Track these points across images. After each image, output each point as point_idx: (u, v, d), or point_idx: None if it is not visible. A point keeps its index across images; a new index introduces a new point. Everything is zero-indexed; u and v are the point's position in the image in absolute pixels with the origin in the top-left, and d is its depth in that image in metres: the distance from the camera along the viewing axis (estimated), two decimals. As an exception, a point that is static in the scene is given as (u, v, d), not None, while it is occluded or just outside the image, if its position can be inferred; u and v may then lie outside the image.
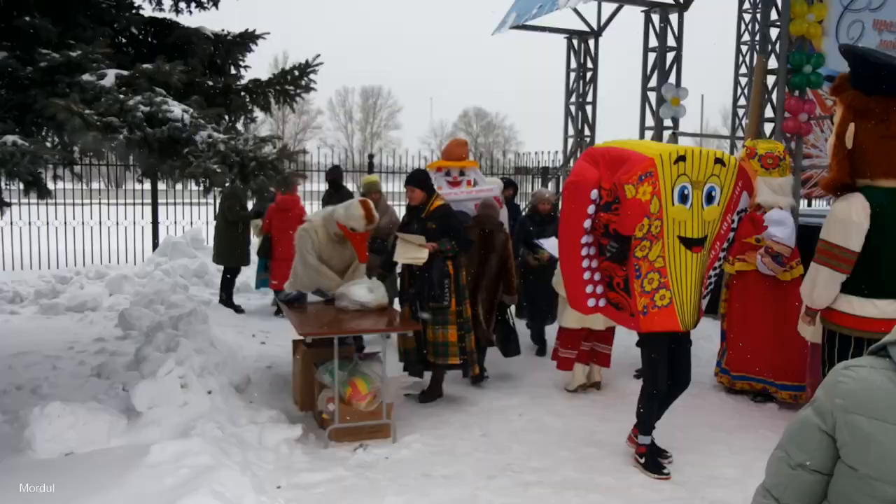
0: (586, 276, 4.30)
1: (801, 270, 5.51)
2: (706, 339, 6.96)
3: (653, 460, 4.41)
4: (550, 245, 6.35)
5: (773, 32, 8.74)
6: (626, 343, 6.21)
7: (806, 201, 13.14)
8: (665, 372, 4.34)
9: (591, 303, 4.36)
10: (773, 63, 8.55)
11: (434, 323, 5.44)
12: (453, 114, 61.37)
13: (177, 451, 3.95)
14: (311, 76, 5.64)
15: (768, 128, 8.72)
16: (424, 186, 5.56)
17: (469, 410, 5.50)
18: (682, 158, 3.99)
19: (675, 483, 4.29)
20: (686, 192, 4.04)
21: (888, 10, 10.58)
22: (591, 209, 4.17)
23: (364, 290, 5.27)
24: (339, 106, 51.32)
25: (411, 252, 5.38)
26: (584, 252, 4.26)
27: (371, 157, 12.20)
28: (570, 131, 12.11)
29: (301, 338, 5.01)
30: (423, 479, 4.28)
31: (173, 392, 4.68)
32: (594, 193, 4.14)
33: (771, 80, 8.67)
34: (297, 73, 5.62)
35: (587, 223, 4.19)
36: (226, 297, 9.03)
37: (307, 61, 5.59)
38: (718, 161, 4.09)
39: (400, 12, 77.95)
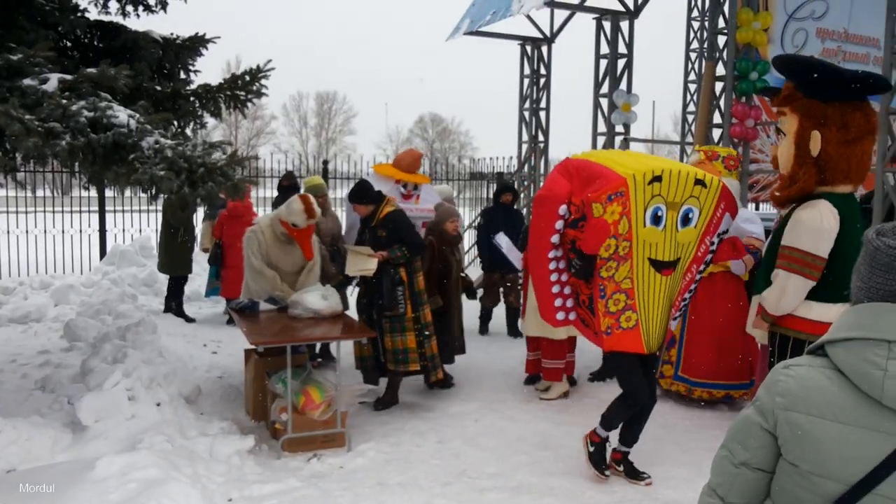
0: (555, 289, 4.20)
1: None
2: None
3: (601, 455, 4.39)
4: (503, 241, 6.27)
5: (721, 40, 8.92)
6: (580, 347, 6.26)
7: (754, 205, 13.46)
8: (642, 381, 4.28)
9: (559, 316, 4.27)
10: (721, 70, 8.73)
11: (391, 331, 5.41)
12: (409, 119, 61.56)
13: (124, 464, 3.86)
14: (263, 81, 5.58)
15: (717, 133, 8.91)
16: (366, 198, 5.53)
17: (424, 417, 5.48)
18: (657, 179, 3.86)
19: (628, 484, 4.33)
20: (660, 213, 3.92)
21: (830, 18, 10.94)
22: (558, 224, 4.05)
23: (317, 298, 5.21)
24: (293, 111, 50.93)
25: (360, 263, 5.37)
26: (552, 266, 4.16)
27: (325, 162, 12.10)
28: (525, 137, 12.20)
29: (253, 347, 4.93)
30: (377, 487, 4.25)
31: (120, 404, 4.57)
32: (563, 209, 4.02)
33: (719, 86, 8.85)
34: (248, 78, 5.56)
35: (555, 238, 4.08)
36: (176, 307, 8.85)
37: (258, 66, 5.54)
38: (699, 182, 3.95)
39: (355, 17, 77.83)
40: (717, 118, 8.87)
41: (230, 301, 6.42)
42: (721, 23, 8.85)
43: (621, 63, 10.25)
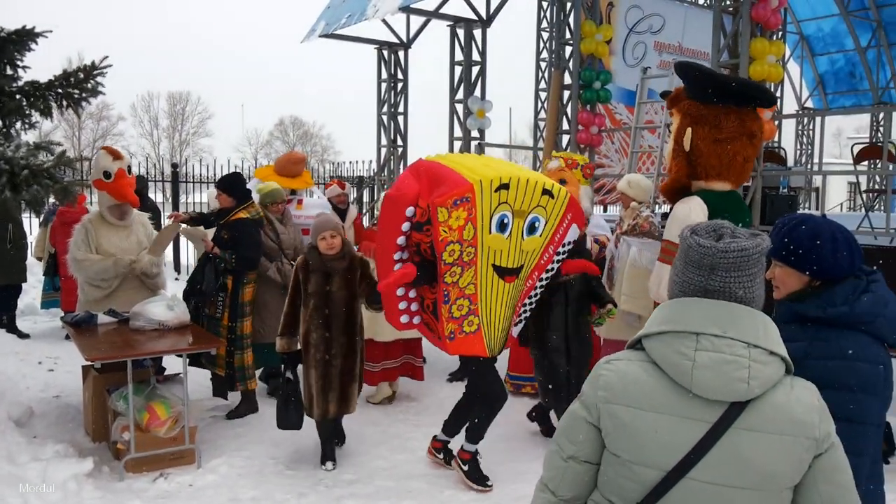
0: (400, 291, 4.14)
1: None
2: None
3: (477, 469, 4.37)
4: None
5: (568, 50, 9.34)
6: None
7: (602, 207, 14.16)
8: (498, 379, 4.36)
9: (404, 319, 4.24)
10: (568, 79, 9.13)
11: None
12: (269, 122, 60.03)
13: (-64, 499, 3.49)
14: (99, 79, 5.24)
15: (565, 139, 9.30)
16: (232, 193, 5.46)
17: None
18: (504, 187, 3.83)
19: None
20: (506, 220, 3.90)
21: (667, 33, 11.73)
22: (405, 226, 3.98)
23: (162, 308, 4.94)
24: (143, 112, 48.20)
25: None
26: (397, 268, 4.07)
27: (175, 166, 11.55)
28: (384, 141, 12.22)
29: (91, 363, 4.61)
30: (229, 503, 4.09)
31: (-66, 433, 4.13)
32: (410, 210, 3.96)
33: (566, 95, 9.26)
34: (81, 75, 5.19)
35: (401, 240, 4.03)
36: (7, 321, 8.13)
37: (93, 63, 5.20)
38: (547, 192, 3.96)
39: (208, 17, 75.04)
40: (565, 125, 9.26)
41: (66, 314, 5.98)
42: (567, 34, 9.25)
43: (475, 70, 10.50)
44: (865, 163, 11.52)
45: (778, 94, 13.71)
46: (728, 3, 7.26)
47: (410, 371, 6.08)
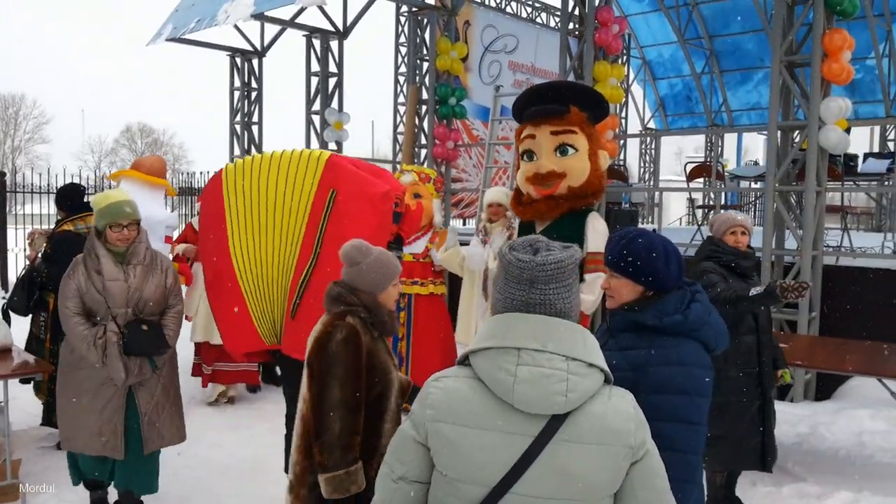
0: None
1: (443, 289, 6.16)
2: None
3: None
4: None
5: (425, 66, 9.45)
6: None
7: (461, 221, 14.42)
8: None
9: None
10: (426, 94, 9.23)
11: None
12: (114, 128, 56.61)
13: None
14: None
15: (423, 153, 9.40)
16: (61, 203, 5.10)
17: (119, 455, 4.98)
18: None
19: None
20: None
21: (520, 53, 12.16)
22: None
23: (-22, 331, 4.48)
24: (-32, 115, 44.09)
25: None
26: None
27: (2, 175, 10.60)
28: (237, 151, 11.82)
29: None
30: (55, 541, 3.76)
31: None
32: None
33: (424, 109, 9.36)
34: None
35: None
36: None
37: None
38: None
39: (45, 13, 69.99)
40: (423, 139, 9.36)
41: None
42: (424, 50, 9.37)
43: (332, 81, 10.39)
44: (700, 180, 12.45)
45: (623, 115, 14.59)
46: (574, 27, 7.61)
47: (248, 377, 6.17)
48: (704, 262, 3.81)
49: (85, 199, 5.24)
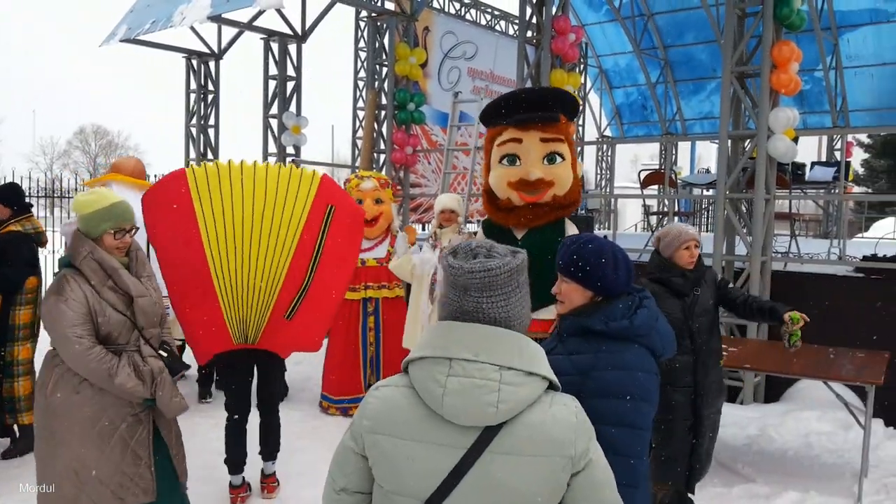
0: None
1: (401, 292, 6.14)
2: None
3: None
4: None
5: (384, 71, 9.43)
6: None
7: (420, 226, 14.43)
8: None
9: None
10: (385, 99, 9.22)
11: None
12: (66, 130, 55.28)
13: None
14: None
15: (382, 158, 9.38)
16: (6, 200, 4.94)
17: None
18: None
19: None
20: None
21: (479, 60, 12.22)
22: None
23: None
24: (-89, 115, 42.62)
25: None
26: None
27: (-54, 176, 10.26)
28: (193, 154, 11.65)
29: None
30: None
31: None
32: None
33: (383, 114, 9.34)
34: None
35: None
36: None
37: None
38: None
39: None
40: (382, 144, 9.34)
41: None
42: (383, 55, 9.36)
43: (290, 85, 10.31)
44: (655, 187, 12.64)
45: (580, 122, 14.76)
46: (532, 35, 7.69)
47: None
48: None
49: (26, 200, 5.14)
